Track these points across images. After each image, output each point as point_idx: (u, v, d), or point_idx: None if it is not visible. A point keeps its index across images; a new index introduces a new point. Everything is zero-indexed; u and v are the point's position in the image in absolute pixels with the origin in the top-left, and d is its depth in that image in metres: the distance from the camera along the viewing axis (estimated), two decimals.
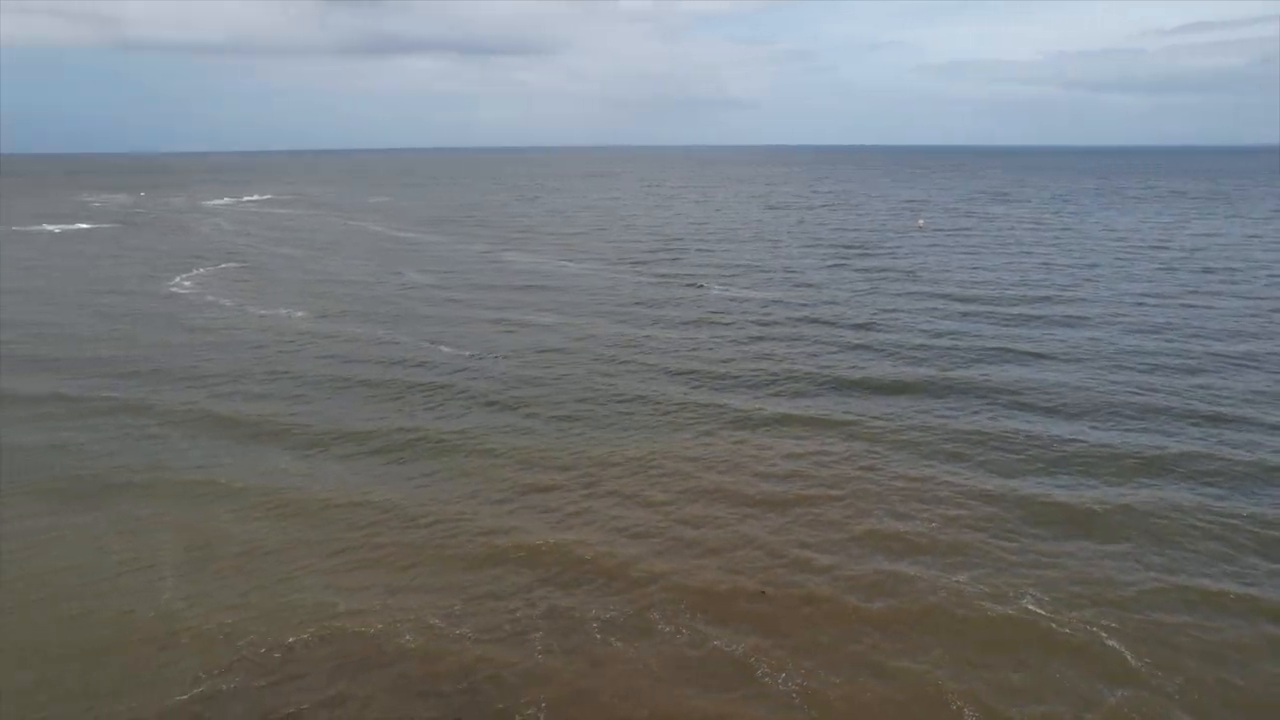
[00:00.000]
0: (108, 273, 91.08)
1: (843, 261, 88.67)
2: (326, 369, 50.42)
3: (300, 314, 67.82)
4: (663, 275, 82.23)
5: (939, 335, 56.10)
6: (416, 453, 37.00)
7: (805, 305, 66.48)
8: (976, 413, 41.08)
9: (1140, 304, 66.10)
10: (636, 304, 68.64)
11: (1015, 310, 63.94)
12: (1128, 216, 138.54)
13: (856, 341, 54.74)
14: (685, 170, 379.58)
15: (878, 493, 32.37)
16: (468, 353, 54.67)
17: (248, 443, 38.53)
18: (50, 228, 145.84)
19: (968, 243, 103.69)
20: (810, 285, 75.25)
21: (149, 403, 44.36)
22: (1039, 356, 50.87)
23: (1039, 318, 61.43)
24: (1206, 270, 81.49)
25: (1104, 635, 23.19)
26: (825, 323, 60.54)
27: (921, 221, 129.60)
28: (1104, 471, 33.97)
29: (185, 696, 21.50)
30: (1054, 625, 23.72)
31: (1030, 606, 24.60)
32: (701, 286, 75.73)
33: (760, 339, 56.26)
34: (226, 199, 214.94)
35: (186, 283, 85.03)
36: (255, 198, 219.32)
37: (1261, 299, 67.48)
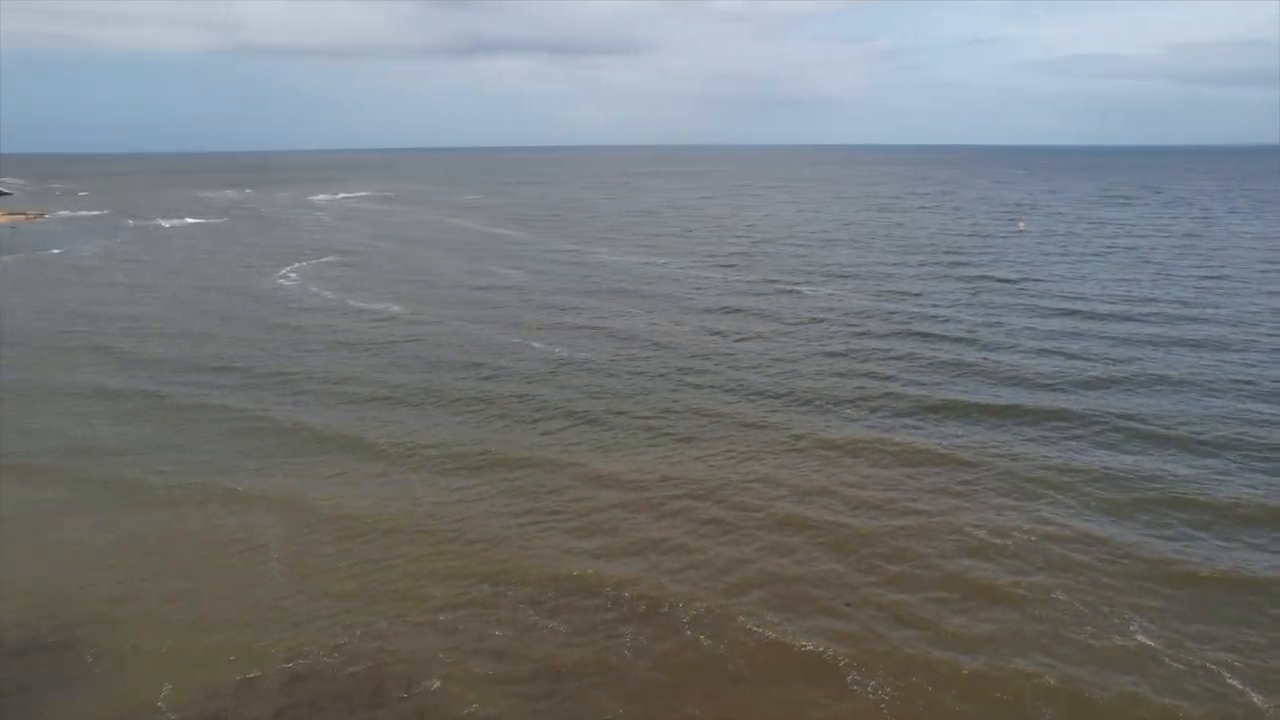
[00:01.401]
0: (219, 266, 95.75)
1: (941, 268, 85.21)
2: (420, 365, 51.55)
3: (396, 308, 69.84)
4: (752, 277, 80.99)
5: (1043, 354, 52.28)
6: (498, 462, 36.63)
7: (900, 315, 63.65)
8: (1085, 444, 37.61)
9: None
10: (724, 308, 67.71)
11: (1131, 327, 58.64)
12: (1259, 221, 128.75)
13: (954, 358, 51.66)
14: (777, 170, 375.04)
15: (969, 530, 29.83)
16: (556, 350, 55.21)
17: (341, 438, 39.57)
18: (164, 223, 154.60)
19: (1076, 249, 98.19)
20: (907, 294, 72.27)
21: (251, 396, 46.20)
22: (1159, 381, 46.06)
23: (1159, 336, 56.05)
24: None
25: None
26: (921, 335, 57.27)
27: (1022, 225, 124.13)
28: (1226, 523, 30.18)
29: (287, 666, 22.64)
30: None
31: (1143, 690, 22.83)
32: (792, 291, 74.19)
33: (852, 351, 53.83)
34: (329, 195, 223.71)
35: (292, 275, 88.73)
36: (355, 194, 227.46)
37: None
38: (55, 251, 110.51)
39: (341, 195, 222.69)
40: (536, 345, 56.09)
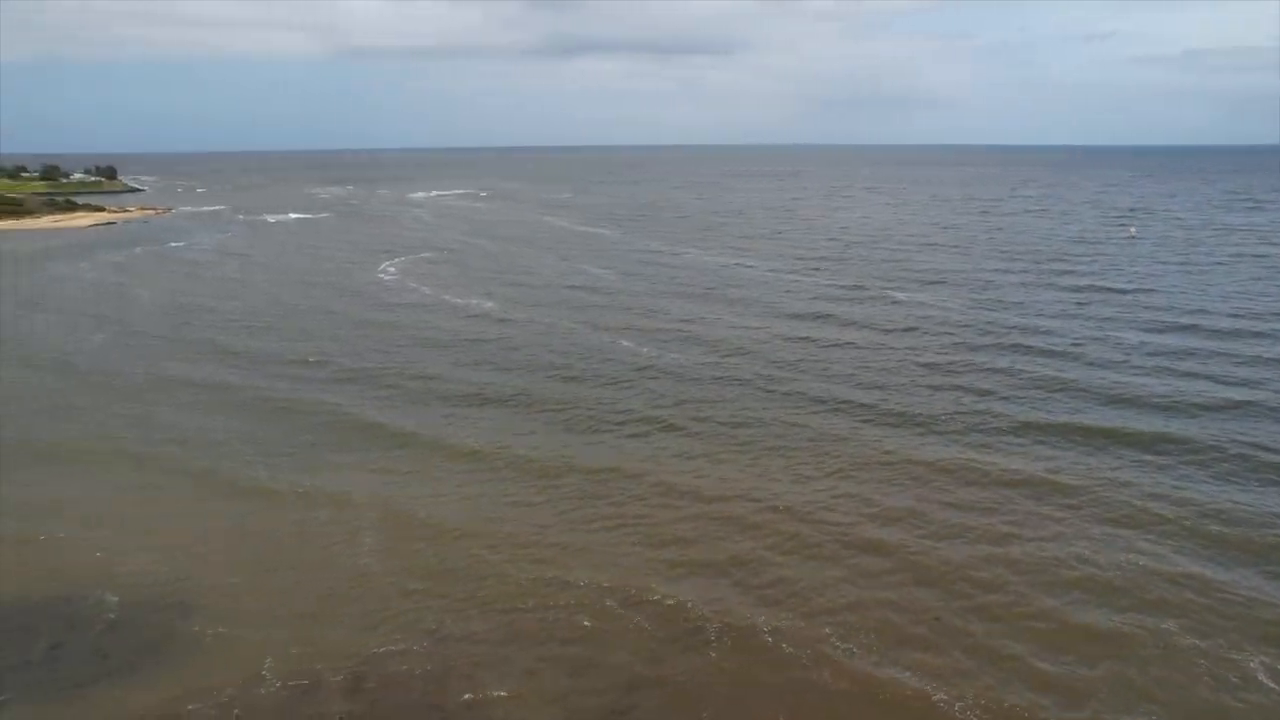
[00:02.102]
0: (324, 261, 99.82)
1: (1045, 276, 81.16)
2: (509, 364, 52.38)
3: (489, 304, 71.39)
4: (844, 282, 79.13)
5: (1156, 372, 49.04)
6: (580, 468, 36.67)
7: (1000, 326, 60.89)
8: (1199, 474, 34.98)
9: None
10: (814, 313, 66.34)
11: (1258, 345, 54.19)
12: None
13: (1057, 374, 48.93)
14: (875, 171, 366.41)
15: (1068, 561, 28.09)
16: (644, 350, 55.37)
17: (429, 437, 40.52)
18: (273, 218, 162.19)
19: (1197, 258, 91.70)
20: (1007, 303, 69.08)
21: (347, 391, 47.91)
22: None
23: None
24: None
25: None
26: (1022, 348, 54.38)
27: (1133, 230, 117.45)
28: None
29: (381, 650, 23.72)
30: None
31: None
32: (885, 297, 72.12)
33: (947, 363, 51.65)
34: (426, 192, 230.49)
35: (391, 269, 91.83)
36: (452, 192, 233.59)
37: None
38: (177, 244, 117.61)
39: (438, 193, 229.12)
40: (623, 346, 56.34)
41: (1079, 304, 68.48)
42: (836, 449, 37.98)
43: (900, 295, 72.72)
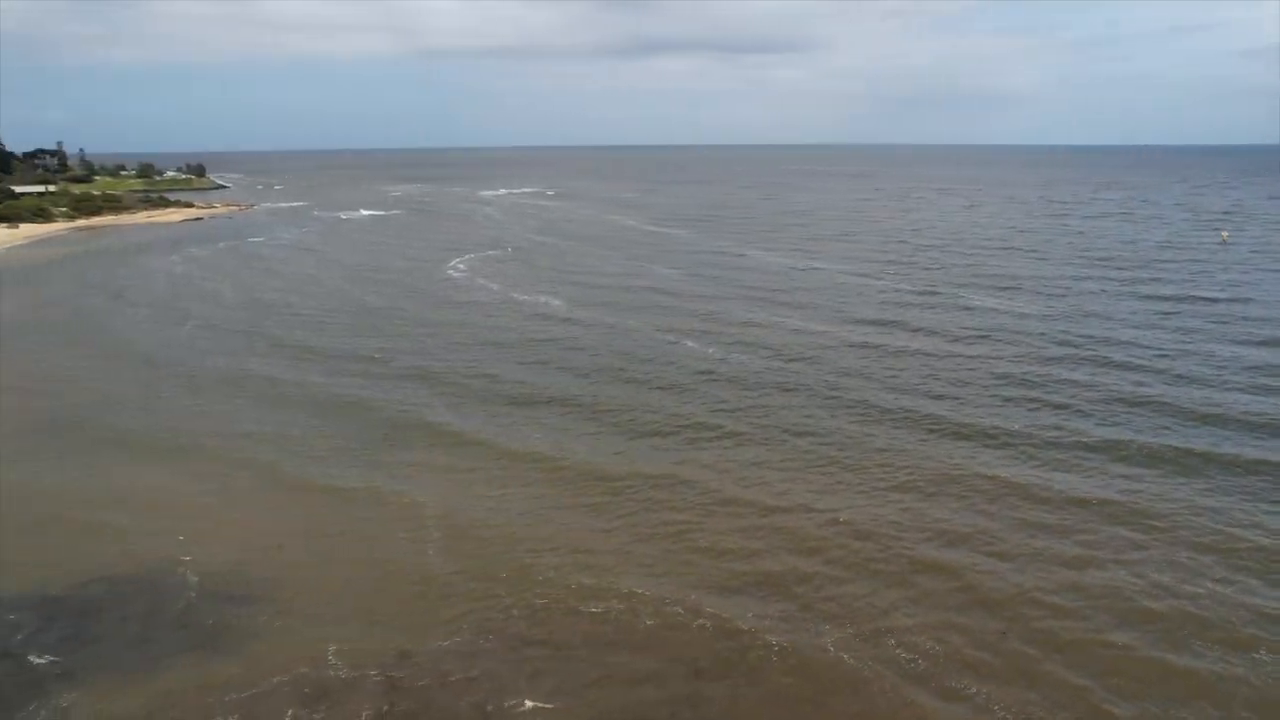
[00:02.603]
0: (397, 258, 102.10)
1: (1129, 284, 77.52)
2: (574, 366, 52.53)
3: (557, 302, 71.97)
4: (914, 286, 77.12)
5: (1252, 390, 46.26)
6: (640, 475, 36.42)
7: (1079, 337, 58.20)
8: None
9: None
10: (882, 319, 64.71)
11: None
12: None
13: (1140, 389, 46.54)
14: (948, 171, 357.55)
15: (1147, 596, 26.39)
16: (709, 352, 55.04)
17: (492, 440, 40.84)
18: (350, 214, 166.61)
19: None
20: (1088, 312, 66.05)
21: (413, 391, 48.75)
22: None
23: None
24: None
25: None
26: (1102, 361, 51.82)
27: (1226, 234, 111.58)
28: None
29: (445, 644, 24.37)
30: None
31: None
32: (957, 303, 69.93)
33: (1021, 375, 49.45)
34: (497, 190, 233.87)
35: (461, 266, 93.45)
36: (522, 190, 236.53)
37: None
38: (256, 240, 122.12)
39: (509, 191, 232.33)
40: (687, 348, 56.06)
41: (1165, 314, 65.19)
42: (903, 461, 36.91)
43: (973, 301, 70.55)
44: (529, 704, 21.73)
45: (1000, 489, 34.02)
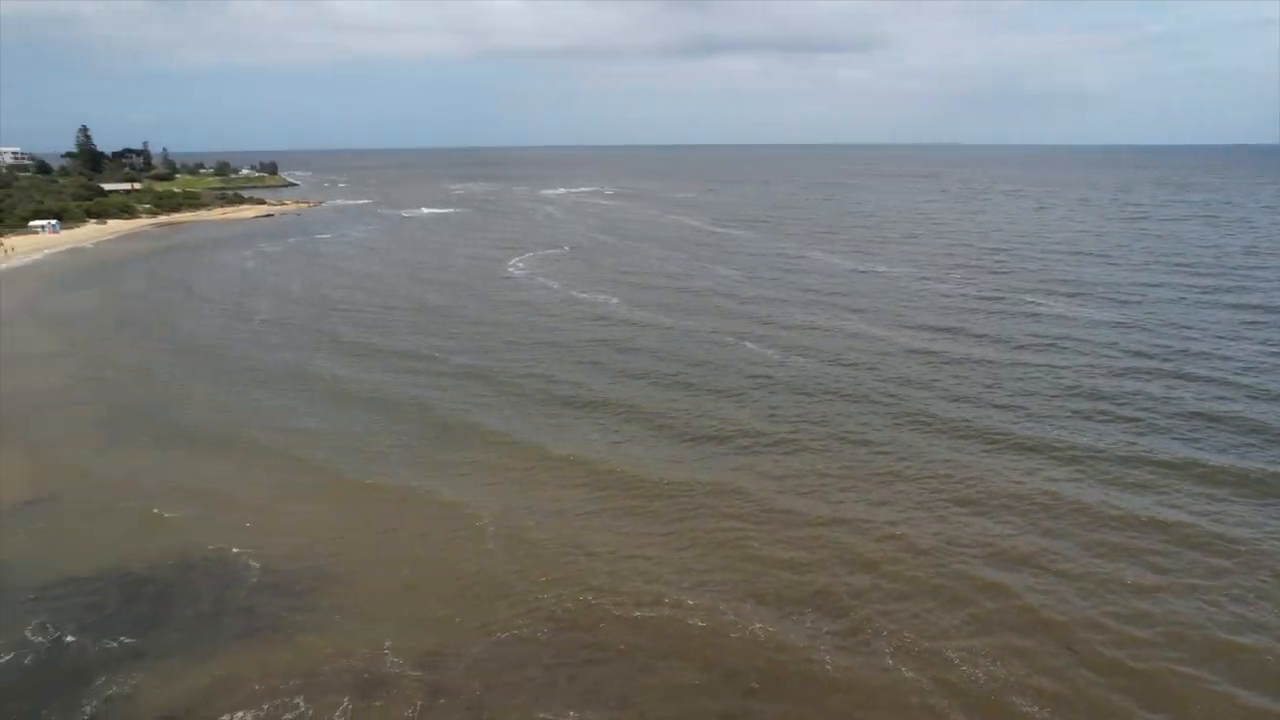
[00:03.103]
0: (460, 257, 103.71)
1: (1209, 292, 73.88)
2: (630, 369, 52.42)
3: (615, 301, 72.11)
4: (980, 291, 74.87)
5: None
6: (690, 485, 36.00)
7: (1154, 348, 55.51)
8: None
9: None
10: (946, 325, 62.88)
11: None
12: None
13: (1220, 406, 44.19)
14: (1019, 172, 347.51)
15: (1226, 631, 24.92)
16: (767, 354, 54.54)
17: (547, 446, 41.00)
18: (415, 212, 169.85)
19: None
20: (1165, 322, 63.05)
21: (469, 393, 49.32)
22: None
23: None
24: None
25: None
26: (1179, 375, 49.22)
27: None
28: None
29: (497, 644, 24.69)
30: None
31: None
32: (1025, 309, 67.60)
33: (1091, 387, 47.35)
34: (560, 189, 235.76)
35: (521, 265, 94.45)
36: (584, 189, 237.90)
37: None
38: (324, 236, 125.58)
39: (571, 190, 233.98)
40: (746, 351, 55.57)
41: (1248, 324, 61.93)
42: (963, 476, 35.79)
43: (1041, 308, 68.21)
44: (573, 715, 21.67)
45: (1066, 506, 32.72)
